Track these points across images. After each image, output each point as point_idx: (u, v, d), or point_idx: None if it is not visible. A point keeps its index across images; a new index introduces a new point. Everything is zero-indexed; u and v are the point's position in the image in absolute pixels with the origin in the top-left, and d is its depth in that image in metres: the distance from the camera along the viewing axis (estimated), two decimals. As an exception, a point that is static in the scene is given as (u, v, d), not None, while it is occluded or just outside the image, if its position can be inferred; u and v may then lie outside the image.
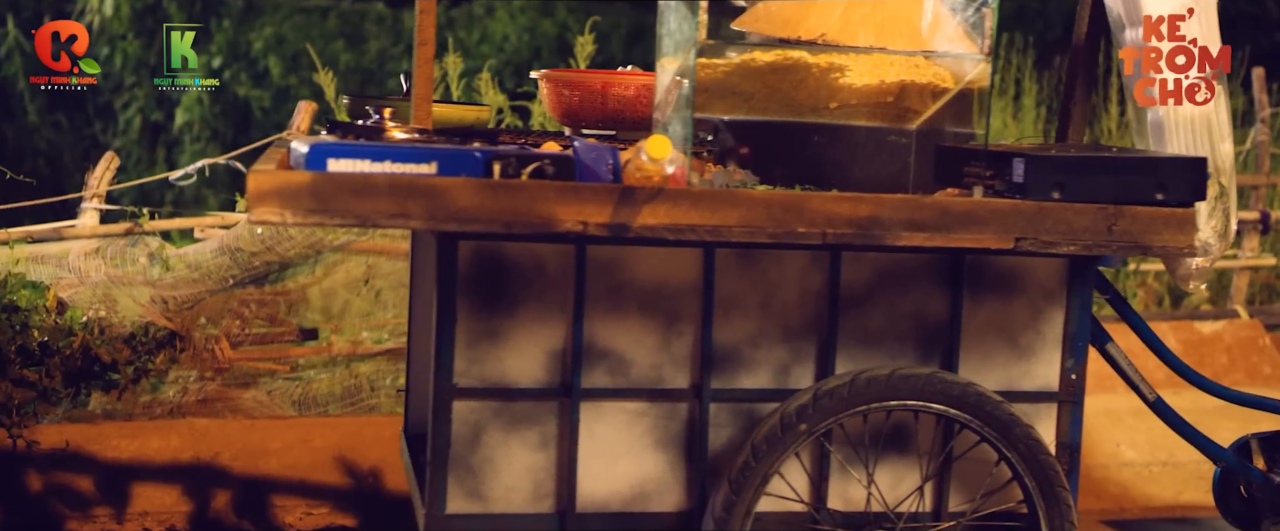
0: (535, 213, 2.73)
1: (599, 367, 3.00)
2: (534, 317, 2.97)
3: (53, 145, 13.21)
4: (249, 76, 13.41)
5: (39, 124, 13.17)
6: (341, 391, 5.22)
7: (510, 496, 3.01)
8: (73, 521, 4.47)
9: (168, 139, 13.49)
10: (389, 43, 13.48)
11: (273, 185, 2.66)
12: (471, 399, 2.98)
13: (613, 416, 3.02)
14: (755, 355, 3.05)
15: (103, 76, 13.13)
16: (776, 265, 3.02)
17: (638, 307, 3.00)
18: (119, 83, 13.32)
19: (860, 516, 3.09)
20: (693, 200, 2.76)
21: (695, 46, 2.88)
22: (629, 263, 2.98)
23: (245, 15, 13.29)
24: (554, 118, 3.69)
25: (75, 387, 4.93)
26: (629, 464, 3.04)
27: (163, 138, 13.52)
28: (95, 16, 13.01)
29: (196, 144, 13.41)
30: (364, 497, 4.70)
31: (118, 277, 5.11)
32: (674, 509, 3.07)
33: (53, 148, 13.19)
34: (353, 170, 2.72)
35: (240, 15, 13.26)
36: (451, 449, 2.98)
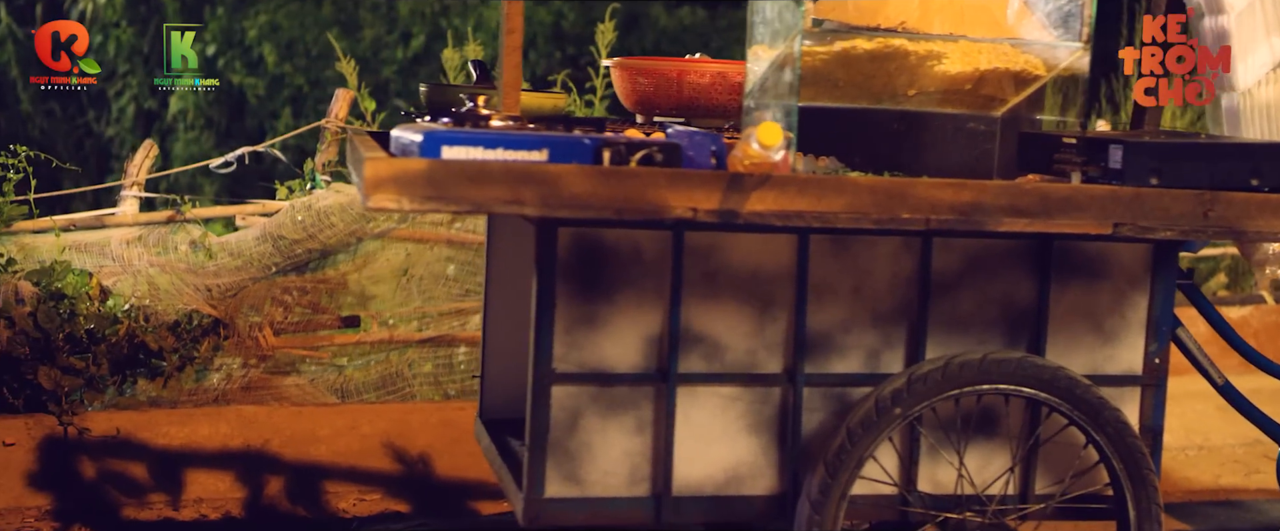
0: (646, 199, 2.76)
1: (694, 353, 3.04)
2: (631, 303, 3.01)
3: (46, 134, 13.16)
4: (243, 64, 13.38)
5: (32, 113, 13.13)
6: (383, 378, 5.24)
7: (607, 480, 3.04)
8: (129, 508, 4.49)
9: (161, 127, 13.46)
10: (384, 30, 13.46)
11: (390, 173, 2.68)
12: (570, 384, 3.01)
13: (707, 401, 3.06)
14: (846, 340, 3.09)
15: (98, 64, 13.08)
16: (868, 251, 3.06)
17: (732, 293, 3.04)
18: (112, 71, 13.29)
19: (948, 499, 3.13)
20: (799, 187, 2.80)
21: (800, 34, 2.91)
22: (724, 248, 3.02)
23: (239, 3, 13.27)
24: (626, 105, 3.72)
25: (121, 375, 4.94)
26: (722, 448, 3.08)
27: (156, 126, 13.49)
28: (88, 4, 12.96)
29: (191, 132, 13.39)
30: (415, 483, 4.73)
31: (161, 265, 5.12)
32: (766, 492, 3.10)
33: (46, 136, 13.14)
34: (466, 157, 2.75)
35: (234, 3, 13.24)
36: (550, 434, 3.00)
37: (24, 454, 4.57)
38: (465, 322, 5.35)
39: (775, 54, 3.02)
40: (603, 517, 3.10)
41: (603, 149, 2.79)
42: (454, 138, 2.74)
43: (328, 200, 5.26)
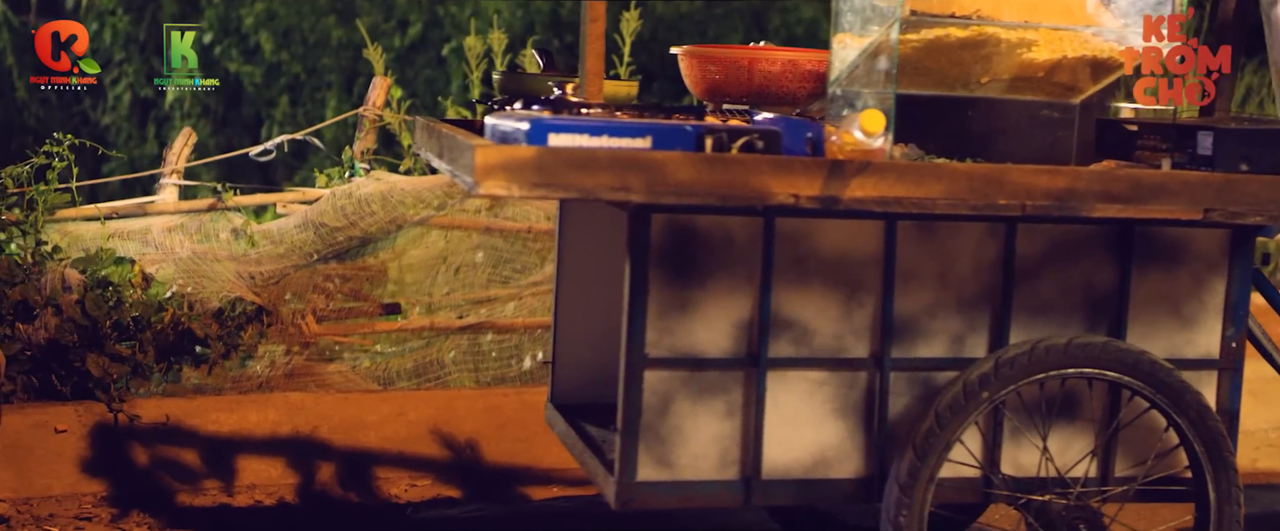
0: (749, 185, 2.80)
1: (784, 337, 3.08)
2: (722, 289, 3.04)
3: (42, 123, 13.12)
4: (240, 52, 13.37)
5: (28, 101, 13.09)
6: (424, 364, 5.27)
7: (697, 464, 3.08)
8: (183, 494, 4.51)
9: (158, 115, 13.44)
10: (381, 18, 13.46)
11: (499, 160, 2.72)
12: (661, 369, 3.04)
13: (795, 385, 3.10)
14: (931, 325, 3.13)
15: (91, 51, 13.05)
16: (954, 237, 3.10)
17: (821, 278, 3.08)
18: (108, 60, 13.25)
19: (1030, 482, 3.17)
20: (898, 173, 2.84)
21: (898, 22, 2.95)
22: (814, 234, 3.06)
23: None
24: (694, 92, 3.75)
25: (167, 362, 4.96)
26: (810, 431, 3.12)
27: (153, 114, 13.47)
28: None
29: (187, 120, 13.35)
30: (463, 469, 4.76)
31: (202, 253, 5.14)
32: (853, 475, 3.15)
33: (42, 125, 13.11)
34: (572, 144, 2.78)
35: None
36: (642, 418, 3.04)
37: (76, 441, 4.58)
38: (505, 309, 5.38)
39: (866, 42, 3.06)
40: (693, 500, 3.14)
41: (705, 136, 2.83)
42: (560, 126, 2.78)
43: (368, 188, 5.28)
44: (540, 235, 5.47)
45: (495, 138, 2.96)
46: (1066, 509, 3.12)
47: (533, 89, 3.50)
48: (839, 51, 3.16)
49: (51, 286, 4.85)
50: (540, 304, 5.44)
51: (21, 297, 4.77)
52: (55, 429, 4.59)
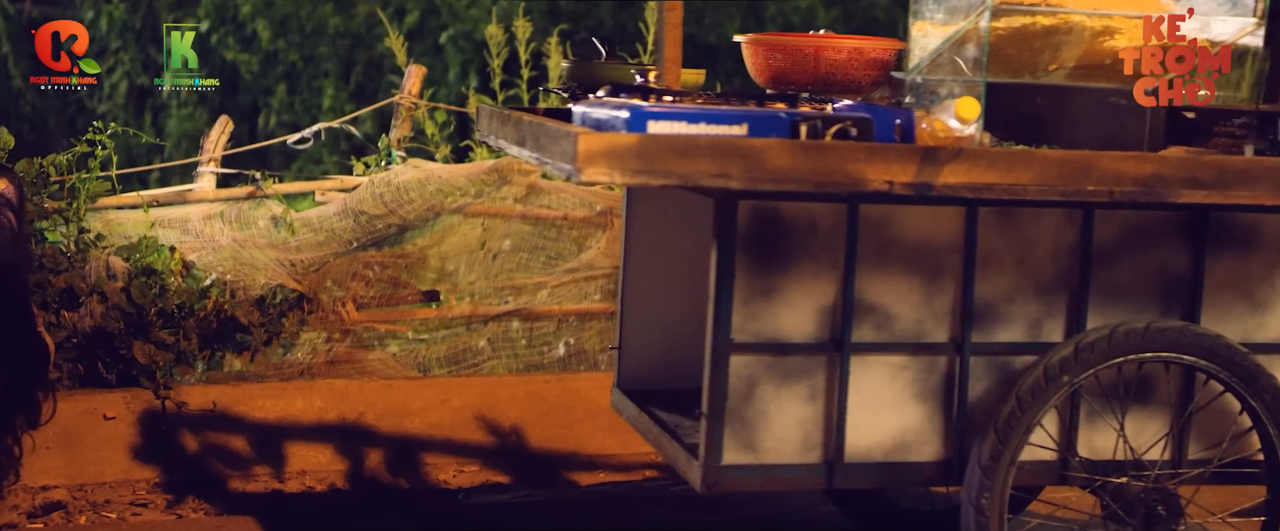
0: (845, 172, 2.83)
1: (866, 323, 3.12)
2: (806, 275, 3.08)
3: (37, 110, 13.07)
4: (237, 41, 13.33)
5: (24, 88, 13.04)
6: (463, 351, 5.29)
7: (781, 448, 3.12)
8: (234, 480, 4.53)
9: (155, 104, 13.40)
10: (378, 4, 13.43)
11: (602, 147, 2.75)
12: (747, 354, 3.08)
13: (877, 370, 3.14)
14: (1010, 310, 3.18)
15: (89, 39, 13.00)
16: (1033, 223, 3.15)
17: (903, 264, 3.12)
18: (104, 47, 13.20)
19: (1105, 464, 3.22)
20: (990, 160, 2.88)
21: (989, 10, 2.99)
22: (896, 221, 3.10)
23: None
24: (758, 80, 3.77)
25: (209, 349, 4.98)
26: (891, 415, 3.16)
27: (150, 102, 13.43)
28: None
29: (184, 108, 13.32)
30: (509, 454, 4.79)
31: (243, 241, 5.15)
32: (932, 458, 3.19)
33: (37, 112, 13.06)
34: (671, 132, 2.82)
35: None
36: (728, 402, 3.08)
37: (125, 428, 4.60)
38: (539, 295, 5.40)
39: (949, 30, 3.10)
40: (776, 483, 3.18)
41: (799, 123, 2.86)
42: (659, 113, 2.81)
43: (406, 175, 5.30)
44: (576, 223, 5.50)
45: (587, 125, 2.99)
46: (1144, 491, 3.17)
47: (605, 77, 3.53)
48: (918, 40, 3.20)
49: (96, 274, 4.86)
50: (577, 291, 5.47)
51: (67, 285, 4.78)
52: (104, 415, 4.61)
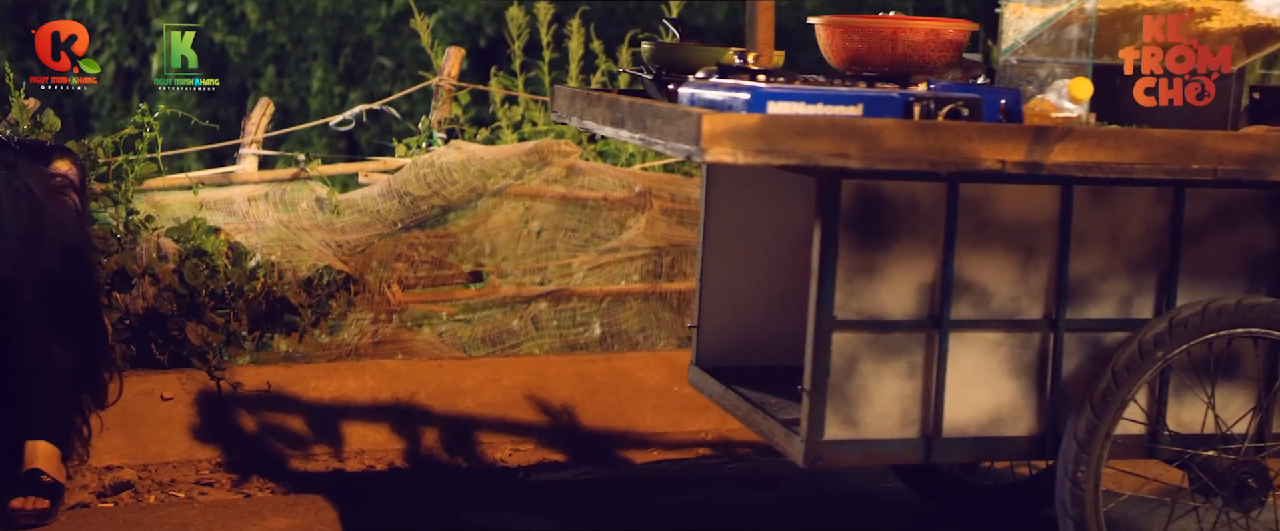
0: (959, 152, 2.89)
1: (964, 300, 3.18)
2: (907, 253, 3.14)
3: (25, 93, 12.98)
4: (225, 22, 13.32)
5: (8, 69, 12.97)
6: (508, 331, 5.33)
7: (880, 423, 3.18)
8: (294, 460, 4.56)
9: (143, 85, 13.37)
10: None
11: (725, 127, 2.80)
12: (848, 331, 3.14)
13: (973, 346, 3.20)
14: (1102, 287, 3.24)
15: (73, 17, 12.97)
16: (1125, 202, 3.21)
17: (1000, 242, 3.18)
18: (91, 28, 13.16)
19: (1194, 438, 3.29)
20: (1099, 139, 2.94)
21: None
22: (994, 200, 3.16)
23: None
24: (834, 62, 3.81)
25: (259, 330, 5.00)
26: (986, 391, 3.22)
27: (138, 84, 13.40)
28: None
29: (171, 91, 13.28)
30: (562, 433, 4.84)
31: (288, 223, 5.18)
32: (1026, 433, 3.25)
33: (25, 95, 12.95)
34: (790, 112, 2.86)
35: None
36: (830, 378, 3.13)
37: (183, 408, 4.62)
38: (582, 277, 5.45)
39: (1048, 12, 3.15)
40: (876, 458, 3.25)
41: (912, 104, 2.91)
42: (779, 94, 2.86)
43: (449, 157, 5.34)
44: (615, 204, 5.55)
45: (698, 106, 3.04)
46: (1233, 464, 3.24)
47: (692, 59, 3.57)
48: (1013, 21, 3.26)
49: (147, 256, 4.88)
50: (617, 271, 5.52)
51: (119, 267, 4.80)
52: (161, 396, 4.63)
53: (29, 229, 4.08)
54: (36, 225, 4.10)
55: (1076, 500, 3.16)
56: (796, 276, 3.77)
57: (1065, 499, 3.18)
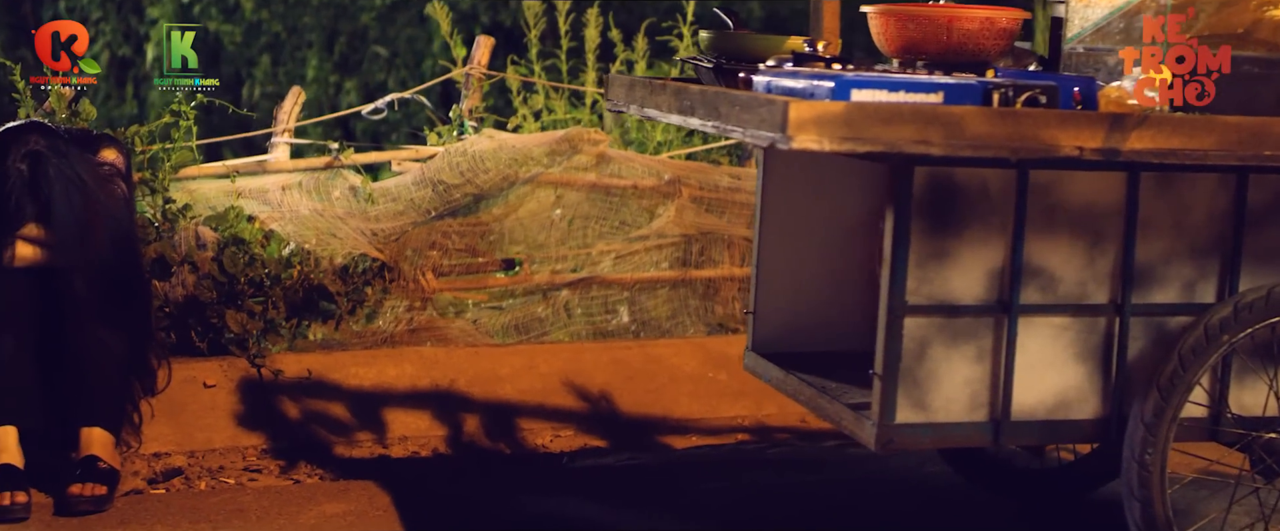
0: (1039, 139, 2.93)
1: (1032, 285, 3.22)
2: (977, 238, 3.18)
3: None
4: (220, 11, 13.30)
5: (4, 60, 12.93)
6: (541, 318, 5.37)
7: (950, 406, 3.22)
8: (339, 446, 4.58)
9: (137, 74, 13.35)
10: (361, -25, 13.43)
11: (811, 115, 2.83)
12: (920, 316, 3.18)
13: (1041, 330, 3.24)
14: (1166, 272, 3.29)
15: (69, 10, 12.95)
16: (1190, 188, 3.26)
17: (1067, 228, 3.22)
18: (85, 17, 13.13)
19: (1255, 420, 3.34)
20: (1174, 126, 2.98)
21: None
22: (1062, 186, 3.20)
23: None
24: (887, 50, 3.85)
25: (296, 318, 5.02)
26: (1053, 375, 3.26)
27: (131, 73, 13.38)
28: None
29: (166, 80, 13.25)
30: (602, 419, 4.87)
31: (323, 211, 5.20)
32: (1091, 416, 3.30)
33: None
34: (873, 100, 2.90)
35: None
36: (901, 363, 3.17)
37: (225, 395, 4.64)
38: (613, 264, 5.48)
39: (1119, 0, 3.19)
40: (946, 441, 3.30)
41: (991, 91, 2.95)
42: (862, 81, 2.90)
43: (481, 145, 5.37)
44: (645, 192, 5.58)
45: (775, 93, 3.07)
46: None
47: (754, 48, 3.60)
48: (1079, 10, 3.30)
49: (186, 244, 4.90)
50: (647, 259, 5.56)
51: (158, 255, 4.81)
52: (204, 383, 4.65)
53: (80, 217, 4.10)
54: (87, 213, 4.12)
55: (1143, 482, 3.21)
56: (851, 262, 3.84)
57: (1132, 481, 3.22)
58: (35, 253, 4.08)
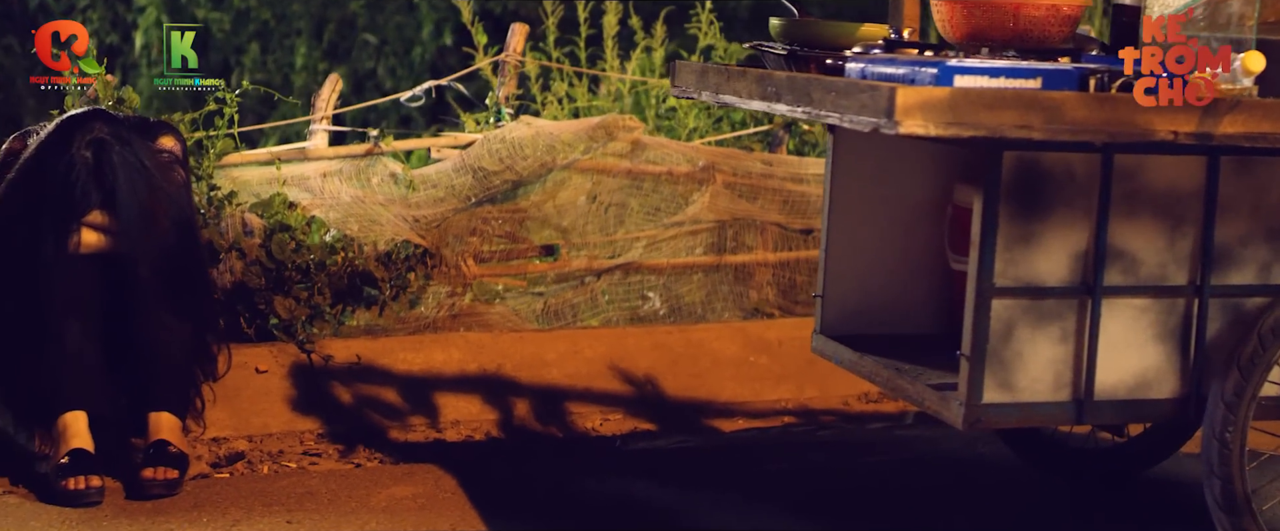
0: (1135, 123, 2.99)
1: (1114, 267, 3.29)
2: (1062, 222, 3.24)
3: (4, 70, 12.94)
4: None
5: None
6: (580, 304, 5.41)
7: (1035, 386, 3.29)
8: (394, 430, 4.62)
9: (125, 62, 13.29)
10: (349, -37, 13.41)
11: (918, 100, 2.89)
12: (1007, 297, 3.24)
13: (1122, 312, 3.31)
14: (1244, 254, 3.36)
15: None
16: (1268, 170, 3.33)
17: (1149, 211, 3.29)
18: (71, 5, 13.08)
19: (1328, 399, 3.42)
20: (1265, 111, 3.05)
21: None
22: (1144, 170, 3.26)
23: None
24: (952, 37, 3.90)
25: (341, 304, 5.05)
26: (1133, 355, 3.33)
27: (120, 61, 13.32)
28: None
29: (155, 69, 13.23)
30: (648, 403, 4.92)
31: (363, 198, 5.23)
32: (1170, 396, 3.37)
33: (4, 72, 12.93)
34: (975, 86, 2.96)
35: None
36: (989, 344, 3.23)
37: (278, 381, 4.68)
38: (648, 251, 5.53)
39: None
40: (1030, 420, 3.37)
41: (1088, 77, 3.01)
42: (964, 68, 2.95)
43: (519, 132, 5.40)
44: (679, 178, 5.63)
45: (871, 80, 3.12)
46: (1368, 423, 3.37)
47: (828, 35, 3.66)
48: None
49: (233, 231, 4.92)
50: (682, 245, 5.61)
51: (206, 241, 4.83)
52: (256, 369, 4.68)
53: (144, 204, 4.12)
54: (151, 200, 4.14)
55: (1223, 459, 3.28)
56: (918, 246, 3.90)
57: (1213, 459, 3.29)
58: (100, 240, 4.10)
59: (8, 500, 3.93)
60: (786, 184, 5.75)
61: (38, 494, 3.95)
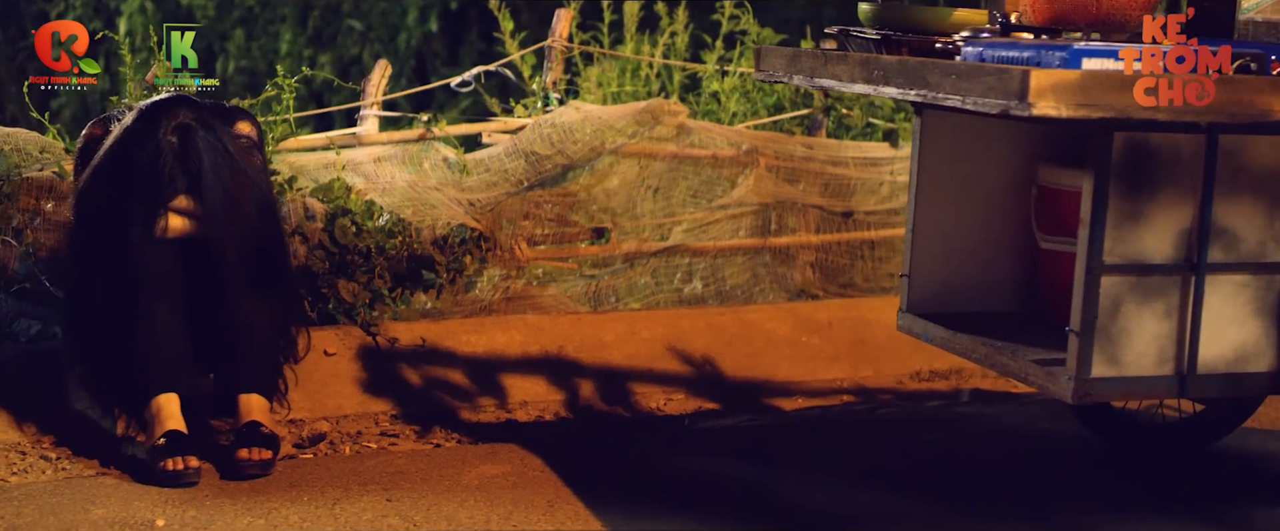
0: (1254, 104, 3.09)
1: (1217, 244, 3.38)
2: (1168, 200, 3.34)
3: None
4: (192, -16, 13.22)
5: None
6: (634, 286, 5.48)
7: (1140, 361, 3.38)
8: (464, 411, 4.67)
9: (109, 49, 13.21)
10: (333, -52, 13.39)
11: (1050, 82, 2.97)
12: (1115, 275, 3.33)
13: (1223, 288, 3.41)
14: (1340, 231, 3.46)
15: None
16: (1365, 151, 3.43)
17: (1250, 190, 3.38)
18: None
19: None
20: (1370, 93, 3.15)
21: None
22: (1247, 149, 3.36)
23: (187, -82, 13.09)
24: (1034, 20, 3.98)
25: (401, 287, 5.10)
26: (1233, 330, 3.43)
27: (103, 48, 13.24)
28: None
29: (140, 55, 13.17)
30: (707, 382, 4.99)
31: (416, 182, 5.28)
32: (1268, 369, 3.47)
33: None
34: (1102, 68, 3.04)
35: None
36: (1097, 320, 3.32)
37: (346, 363, 4.72)
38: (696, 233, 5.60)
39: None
40: (1135, 394, 3.46)
41: (1203, 59, 3.10)
42: (1091, 51, 3.03)
43: (569, 116, 5.46)
44: (724, 162, 5.70)
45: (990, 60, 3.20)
46: None
47: (919, 20, 3.73)
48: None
49: (295, 215, 4.96)
50: (728, 227, 5.68)
51: (275, 225, 4.86)
52: (325, 352, 4.72)
53: (228, 189, 4.16)
54: (235, 185, 4.17)
55: (1321, 431, 3.38)
56: (999, 226, 3.98)
57: (1311, 429, 3.39)
58: (186, 224, 4.13)
59: (104, 480, 3.96)
60: (827, 167, 5.83)
61: (133, 475, 3.98)
